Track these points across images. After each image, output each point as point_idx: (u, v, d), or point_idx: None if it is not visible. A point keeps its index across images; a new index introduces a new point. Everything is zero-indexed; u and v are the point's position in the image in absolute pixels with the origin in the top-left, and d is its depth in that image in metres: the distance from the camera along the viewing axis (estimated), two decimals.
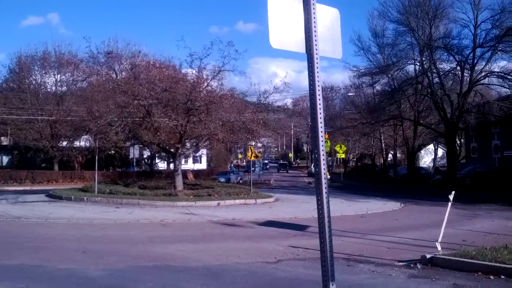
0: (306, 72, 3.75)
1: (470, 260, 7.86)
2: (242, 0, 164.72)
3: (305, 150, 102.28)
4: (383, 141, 46.84)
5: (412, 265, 8.37)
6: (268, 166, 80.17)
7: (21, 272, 7.72)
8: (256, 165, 42.71)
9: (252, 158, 28.99)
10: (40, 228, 13.34)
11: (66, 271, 7.80)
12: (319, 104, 3.70)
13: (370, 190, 33.25)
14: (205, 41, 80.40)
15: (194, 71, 24.07)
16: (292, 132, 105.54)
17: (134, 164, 43.48)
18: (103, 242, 11.05)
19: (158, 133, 23.47)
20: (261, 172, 52.79)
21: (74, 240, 11.05)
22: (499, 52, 29.84)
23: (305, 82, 3.74)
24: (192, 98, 22.44)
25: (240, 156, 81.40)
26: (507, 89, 31.10)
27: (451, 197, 8.93)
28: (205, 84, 24.14)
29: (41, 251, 9.47)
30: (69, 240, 11.06)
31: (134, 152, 35.74)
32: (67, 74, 44.04)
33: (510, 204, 20.72)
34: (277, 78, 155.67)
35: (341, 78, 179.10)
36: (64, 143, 42.92)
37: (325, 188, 3.66)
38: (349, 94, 51.15)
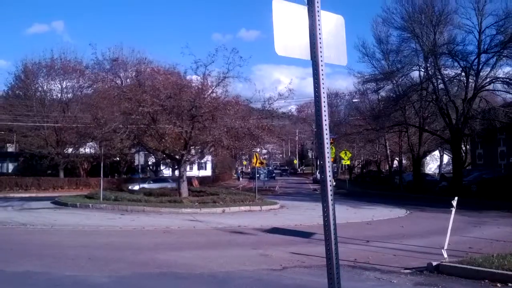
0: (309, 79, 3.76)
1: (476, 268, 7.81)
2: (244, 7, 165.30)
3: (310, 156, 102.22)
4: (388, 147, 46.72)
5: (418, 273, 8.33)
6: (274, 175, 70.61)
7: (27, 279, 7.74)
8: (261, 172, 42.63)
9: (257, 164, 28.96)
10: (46, 235, 13.37)
11: (72, 278, 7.81)
12: (324, 111, 3.70)
13: (375, 196, 33.12)
14: (208, 48, 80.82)
15: (198, 78, 24.16)
16: (297, 139, 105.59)
17: (139, 170, 43.47)
18: (109, 249, 11.05)
19: (163, 140, 23.50)
20: (266, 178, 52.65)
21: (79, 247, 11.06)
22: (504, 58, 29.78)
23: (309, 89, 3.77)
24: (197, 104, 22.49)
25: (245, 162, 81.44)
26: None
27: (454, 203, 8.87)
28: (210, 91, 24.18)
29: (47, 258, 9.48)
30: (74, 247, 11.06)
31: (139, 159, 35.75)
32: (72, 81, 44.26)
33: None
34: (280, 84, 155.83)
35: (344, 84, 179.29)
36: (70, 150, 43.05)
37: (331, 195, 3.65)
38: (354, 100, 51.11)
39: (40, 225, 15.19)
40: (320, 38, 3.76)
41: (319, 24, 3.77)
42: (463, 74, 31.94)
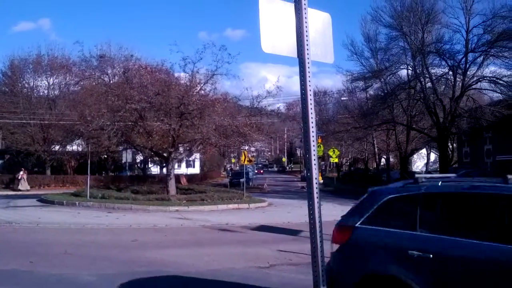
0: (296, 77, 3.76)
1: None
2: (230, 7, 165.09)
3: (299, 154, 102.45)
4: (376, 145, 46.99)
5: None
6: (255, 177, 57.88)
7: (13, 277, 7.66)
8: (249, 170, 42.60)
9: (246, 162, 28.95)
10: (32, 233, 13.24)
11: (58, 277, 7.75)
12: (311, 108, 3.70)
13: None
14: (194, 47, 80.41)
15: (187, 75, 24.08)
16: (285, 137, 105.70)
17: (127, 168, 43.32)
18: (95, 247, 10.97)
19: (151, 137, 23.37)
20: (254, 176, 52.60)
21: (66, 245, 10.94)
22: (491, 57, 30.04)
23: (296, 87, 3.77)
24: (185, 102, 22.40)
25: (233, 160, 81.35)
26: (499, 94, 31.28)
27: None
28: (198, 88, 24.11)
29: (33, 256, 9.38)
30: (61, 245, 10.95)
31: (127, 157, 35.64)
32: (59, 77, 43.84)
33: None
34: (267, 83, 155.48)
35: (330, 83, 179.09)
36: (57, 147, 42.63)
37: (317, 192, 3.65)
38: (342, 98, 51.27)
39: (26, 223, 15.02)
40: (307, 36, 3.76)
41: (306, 22, 3.77)
42: (450, 73, 32.20)
